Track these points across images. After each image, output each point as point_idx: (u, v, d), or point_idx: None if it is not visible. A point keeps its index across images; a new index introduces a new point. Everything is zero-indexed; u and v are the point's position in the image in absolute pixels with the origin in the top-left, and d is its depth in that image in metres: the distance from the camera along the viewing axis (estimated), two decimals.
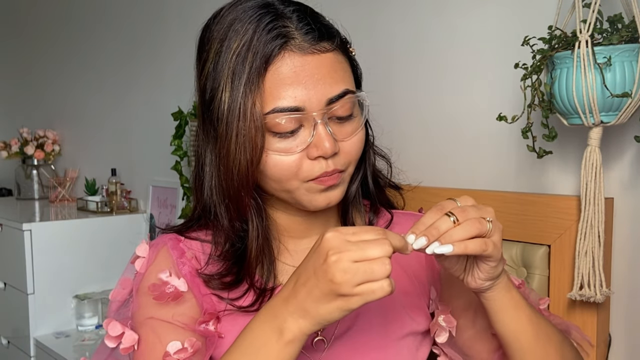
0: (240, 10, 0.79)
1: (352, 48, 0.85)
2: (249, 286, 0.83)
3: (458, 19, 1.38)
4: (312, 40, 0.78)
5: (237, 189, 0.80)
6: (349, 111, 0.80)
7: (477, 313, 0.88)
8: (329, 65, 0.79)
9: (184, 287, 0.82)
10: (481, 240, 0.69)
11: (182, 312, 0.82)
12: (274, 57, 0.76)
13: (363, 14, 1.59)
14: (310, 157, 0.78)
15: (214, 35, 0.80)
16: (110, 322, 0.82)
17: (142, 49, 2.53)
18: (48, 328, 2.29)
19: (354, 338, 0.88)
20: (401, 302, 0.92)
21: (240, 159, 0.78)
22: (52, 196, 2.96)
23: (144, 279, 0.85)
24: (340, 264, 0.64)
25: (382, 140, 0.94)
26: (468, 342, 0.90)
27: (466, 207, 0.70)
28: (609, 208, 1.10)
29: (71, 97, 3.10)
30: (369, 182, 0.91)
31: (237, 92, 0.76)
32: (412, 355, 0.91)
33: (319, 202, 0.82)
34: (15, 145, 3.08)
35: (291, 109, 0.76)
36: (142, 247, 0.87)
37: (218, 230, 0.85)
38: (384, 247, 0.64)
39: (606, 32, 1.00)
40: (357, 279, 0.63)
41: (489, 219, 0.70)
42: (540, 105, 1.06)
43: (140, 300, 0.83)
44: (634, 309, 1.13)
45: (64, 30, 3.11)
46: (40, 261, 2.25)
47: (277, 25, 0.77)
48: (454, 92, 1.40)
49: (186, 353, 0.78)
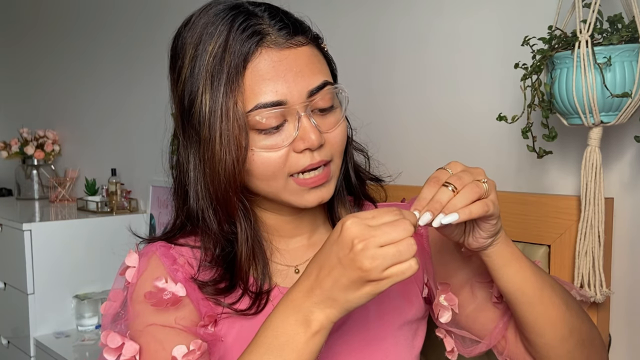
0: (212, 14, 0.80)
1: (324, 44, 0.86)
2: (243, 291, 0.83)
3: (458, 19, 1.38)
4: (286, 35, 0.79)
5: (225, 190, 0.80)
6: (330, 102, 0.81)
7: (474, 286, 0.89)
8: (306, 58, 0.80)
9: (182, 292, 0.82)
10: (482, 202, 0.70)
11: (183, 316, 0.81)
12: (252, 54, 0.77)
13: (363, 14, 1.59)
14: (296, 151, 0.79)
15: (188, 41, 0.81)
16: (109, 334, 0.80)
17: (142, 48, 2.53)
18: (48, 328, 2.29)
19: (350, 332, 0.88)
20: (396, 292, 0.92)
21: (226, 159, 0.78)
22: (52, 196, 2.96)
23: (137, 288, 0.83)
24: (368, 251, 0.63)
25: (383, 141, 0.95)
26: (472, 316, 0.90)
27: (460, 173, 0.71)
28: (609, 208, 1.10)
29: (71, 97, 3.10)
30: (351, 177, 0.92)
31: (217, 94, 0.77)
32: (409, 344, 0.91)
33: (309, 200, 0.82)
34: (15, 145, 3.08)
35: (273, 103, 0.77)
36: (131, 257, 0.86)
37: (206, 235, 0.84)
38: (406, 227, 0.64)
39: (606, 32, 1.00)
40: (386, 264, 0.63)
41: (484, 180, 0.71)
42: (540, 105, 1.06)
43: (137, 308, 0.82)
44: (634, 309, 1.13)
45: (64, 30, 3.11)
46: (40, 261, 2.25)
47: (251, 24, 0.78)
48: (453, 92, 1.40)
49: (194, 355, 0.77)
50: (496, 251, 0.78)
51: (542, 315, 0.80)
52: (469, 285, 0.90)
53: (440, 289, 0.90)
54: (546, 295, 0.80)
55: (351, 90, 0.85)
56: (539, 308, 0.80)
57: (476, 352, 0.90)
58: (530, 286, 0.79)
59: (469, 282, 0.90)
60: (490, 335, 0.88)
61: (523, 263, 0.79)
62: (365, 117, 1.10)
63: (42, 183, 3.14)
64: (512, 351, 0.88)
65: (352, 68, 1.62)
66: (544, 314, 0.80)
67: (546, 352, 0.83)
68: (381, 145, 1.04)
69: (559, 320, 0.81)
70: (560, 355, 0.83)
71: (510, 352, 0.88)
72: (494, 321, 0.88)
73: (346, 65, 1.63)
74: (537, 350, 0.83)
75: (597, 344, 0.87)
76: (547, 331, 0.81)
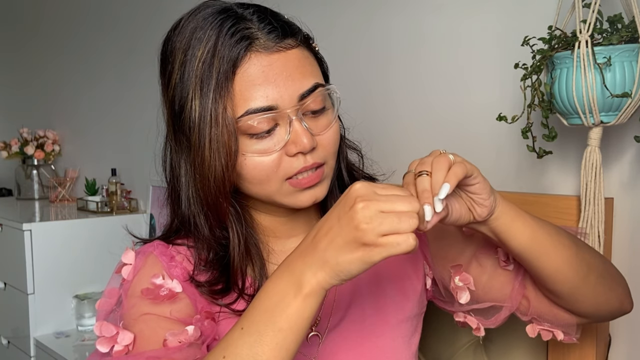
0: (201, 18, 0.80)
1: (315, 44, 0.85)
2: (238, 294, 0.83)
3: (458, 19, 1.38)
4: (276, 39, 0.78)
5: (215, 196, 0.80)
6: (322, 104, 0.81)
7: (479, 258, 0.90)
8: (296, 61, 0.79)
9: (178, 287, 0.82)
10: (457, 164, 0.71)
11: (178, 309, 0.81)
12: (241, 59, 0.77)
13: (362, 14, 1.59)
14: (289, 154, 0.79)
15: (177, 46, 0.81)
16: (102, 324, 0.79)
17: (142, 48, 2.53)
18: (48, 328, 2.29)
19: (347, 329, 0.88)
20: (393, 289, 0.92)
21: (216, 165, 0.78)
22: (52, 196, 2.96)
23: (133, 285, 0.83)
24: (367, 211, 0.63)
25: (383, 142, 0.95)
26: (487, 286, 0.90)
27: (421, 162, 0.73)
28: (608, 208, 1.10)
29: (71, 97, 3.10)
30: (344, 176, 0.92)
31: (206, 99, 0.77)
32: (406, 342, 0.91)
33: (303, 200, 0.82)
34: (15, 145, 3.08)
35: (264, 108, 0.76)
36: (128, 255, 0.86)
37: (199, 240, 0.84)
38: (413, 204, 0.64)
39: (606, 32, 1.00)
40: (382, 229, 0.62)
41: (442, 151, 0.73)
42: (540, 105, 1.06)
43: (132, 301, 0.82)
44: (634, 309, 1.13)
45: (64, 31, 3.11)
46: (40, 261, 2.25)
47: (240, 28, 0.77)
48: (453, 92, 1.40)
49: (186, 335, 0.77)
50: (501, 210, 0.78)
51: (559, 260, 0.80)
52: (475, 260, 0.90)
53: (453, 272, 0.91)
54: (555, 239, 0.80)
55: (348, 89, 0.85)
56: (553, 254, 0.80)
57: (501, 319, 0.90)
58: (540, 235, 0.79)
59: (474, 257, 0.90)
60: (510, 299, 0.88)
61: (526, 216, 0.80)
62: (361, 115, 1.10)
63: (42, 183, 3.14)
64: (537, 308, 0.88)
65: (350, 67, 1.62)
66: (560, 257, 0.80)
67: (573, 296, 0.83)
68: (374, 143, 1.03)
69: (575, 259, 0.81)
70: (586, 294, 0.83)
71: (534, 310, 0.88)
72: (509, 283, 0.89)
73: (345, 64, 1.63)
74: (564, 297, 0.84)
75: (614, 273, 0.88)
76: (568, 275, 0.81)
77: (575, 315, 0.87)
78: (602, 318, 0.93)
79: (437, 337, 1.22)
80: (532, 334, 0.90)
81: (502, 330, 1.14)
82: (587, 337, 1.08)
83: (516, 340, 1.14)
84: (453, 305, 0.93)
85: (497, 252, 0.89)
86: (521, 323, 0.91)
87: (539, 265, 0.81)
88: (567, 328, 0.88)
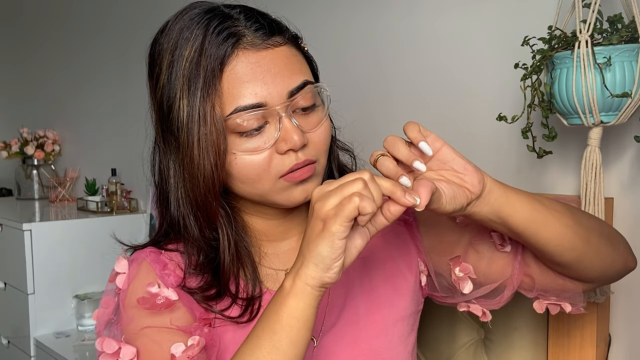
0: (187, 19, 0.79)
1: (304, 43, 0.85)
2: (232, 299, 0.83)
3: (458, 18, 1.38)
4: (263, 36, 0.78)
5: (205, 196, 0.79)
6: (311, 101, 0.80)
7: (475, 245, 0.89)
8: (285, 58, 0.79)
9: (174, 296, 0.81)
10: (409, 126, 0.75)
11: (177, 317, 0.81)
12: (228, 57, 0.76)
13: (362, 14, 1.59)
14: (279, 152, 0.78)
15: (164, 47, 0.81)
16: (104, 340, 0.80)
17: (142, 48, 2.52)
18: (48, 328, 2.29)
19: (342, 331, 0.88)
20: (387, 288, 0.92)
21: (205, 164, 0.77)
22: (52, 196, 2.96)
23: (129, 294, 0.83)
24: (320, 200, 0.67)
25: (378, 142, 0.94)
26: (487, 271, 0.89)
27: (373, 156, 0.74)
28: (609, 208, 1.10)
29: (71, 97, 3.10)
30: (335, 177, 0.91)
31: (194, 98, 0.76)
32: (403, 342, 0.91)
33: (295, 196, 0.81)
34: (15, 145, 3.08)
35: (253, 106, 0.76)
36: (120, 264, 0.86)
37: (189, 242, 0.83)
38: (354, 176, 0.67)
39: (606, 32, 1.00)
40: (331, 201, 0.66)
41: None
42: (540, 105, 1.06)
43: (130, 313, 0.81)
44: (633, 309, 1.13)
45: (64, 30, 3.11)
46: (40, 261, 2.25)
47: (227, 26, 0.77)
48: (453, 92, 1.40)
49: (193, 350, 0.77)
50: (493, 183, 0.77)
51: (559, 227, 0.79)
52: (472, 247, 0.89)
53: (452, 264, 0.90)
54: (551, 207, 0.80)
55: (343, 90, 0.84)
56: (553, 223, 0.79)
57: (505, 299, 0.89)
58: (537, 204, 0.79)
59: (470, 245, 0.90)
60: (512, 279, 0.88)
61: (519, 192, 0.79)
62: (355, 116, 1.10)
63: (42, 183, 3.14)
64: (542, 283, 0.87)
65: (346, 67, 1.62)
66: (560, 225, 0.79)
67: (581, 262, 0.82)
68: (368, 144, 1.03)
69: (574, 224, 0.80)
70: (592, 258, 0.83)
71: (540, 286, 0.88)
72: (509, 264, 0.88)
73: (341, 65, 1.63)
74: (572, 265, 0.83)
75: (612, 232, 0.88)
76: (571, 240, 0.80)
77: (583, 282, 0.86)
78: (609, 279, 0.92)
79: (437, 336, 1.22)
80: (540, 309, 0.89)
81: (502, 330, 1.14)
82: (587, 337, 1.08)
83: (516, 340, 1.14)
84: (454, 297, 0.92)
85: (492, 236, 0.88)
86: (521, 322, 0.91)
87: (543, 236, 0.79)
88: (573, 299, 0.87)
